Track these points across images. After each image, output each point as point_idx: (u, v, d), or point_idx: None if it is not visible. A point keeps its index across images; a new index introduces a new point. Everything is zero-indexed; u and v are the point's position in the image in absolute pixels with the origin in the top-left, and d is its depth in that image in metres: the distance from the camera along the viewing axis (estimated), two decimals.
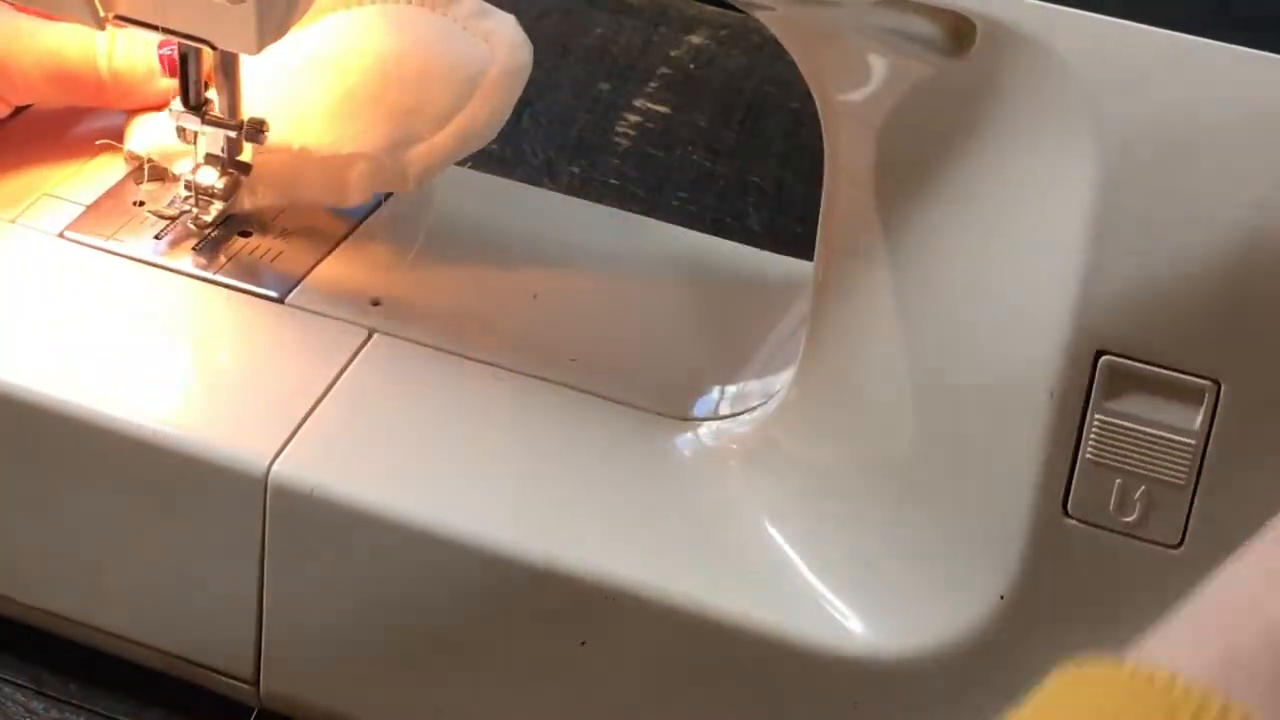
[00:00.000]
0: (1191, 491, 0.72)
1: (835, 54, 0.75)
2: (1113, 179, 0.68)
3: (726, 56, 1.29)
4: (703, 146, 1.22)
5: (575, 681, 0.82)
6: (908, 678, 0.78)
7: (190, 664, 0.87)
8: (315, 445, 0.83)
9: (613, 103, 1.25)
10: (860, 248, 0.77)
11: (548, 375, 0.87)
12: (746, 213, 1.17)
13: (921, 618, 0.78)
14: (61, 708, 0.89)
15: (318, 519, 0.82)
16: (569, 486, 0.83)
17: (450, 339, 0.88)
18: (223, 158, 0.92)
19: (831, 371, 0.81)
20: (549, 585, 0.80)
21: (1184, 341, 0.70)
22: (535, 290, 0.91)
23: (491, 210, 0.97)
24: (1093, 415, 0.72)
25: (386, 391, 0.86)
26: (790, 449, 0.82)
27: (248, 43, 0.84)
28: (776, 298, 0.92)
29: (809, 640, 0.78)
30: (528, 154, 1.20)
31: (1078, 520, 0.74)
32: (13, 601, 0.89)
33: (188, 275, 0.91)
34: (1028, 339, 0.72)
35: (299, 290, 0.90)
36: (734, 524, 0.82)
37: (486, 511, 0.81)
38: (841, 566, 0.80)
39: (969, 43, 0.71)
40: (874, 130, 0.75)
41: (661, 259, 0.94)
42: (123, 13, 0.85)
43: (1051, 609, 0.75)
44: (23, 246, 0.92)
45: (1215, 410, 0.70)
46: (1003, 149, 0.71)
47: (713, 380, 0.88)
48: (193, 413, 0.84)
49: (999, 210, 0.72)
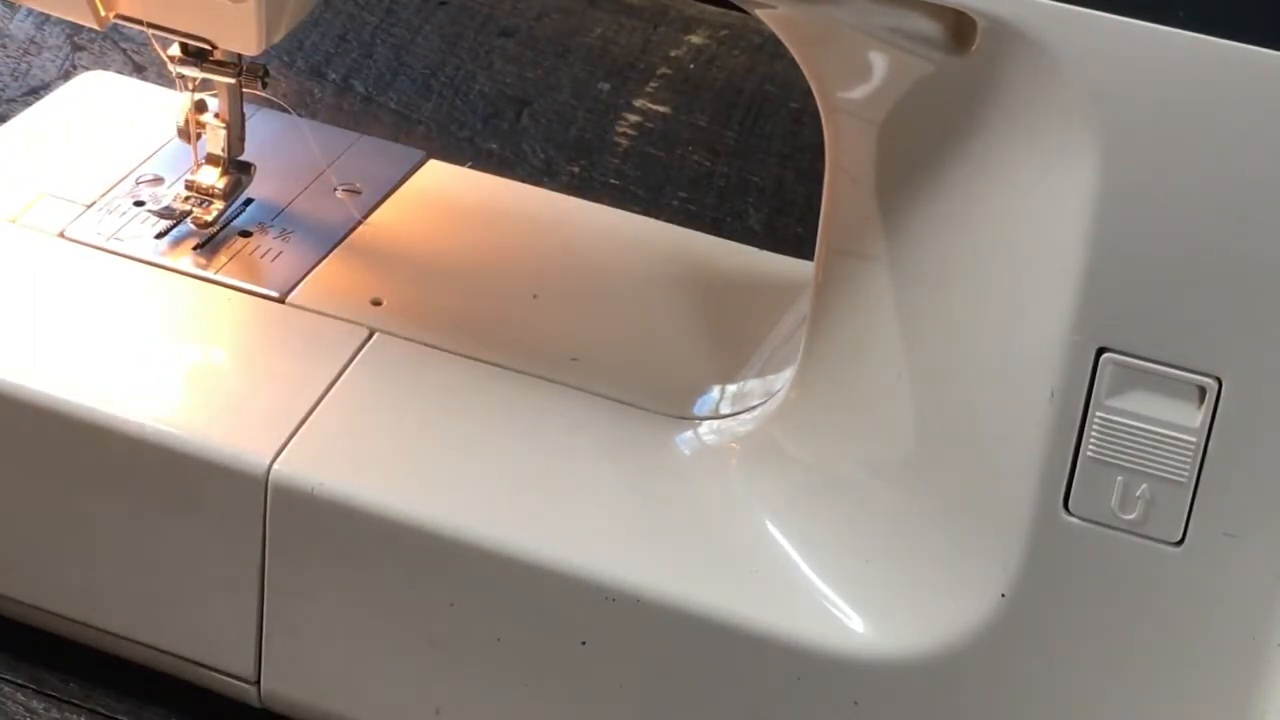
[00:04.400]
0: (1192, 489, 0.72)
1: (836, 52, 0.75)
2: (1113, 177, 0.68)
3: (726, 56, 1.29)
4: (703, 146, 1.22)
5: (575, 681, 0.82)
6: (908, 677, 0.78)
7: (190, 664, 0.87)
8: (315, 445, 0.83)
9: (613, 103, 1.25)
10: (860, 248, 0.77)
11: (548, 375, 0.87)
12: (746, 213, 1.17)
13: (921, 617, 0.78)
14: (61, 708, 0.89)
15: (318, 519, 0.82)
16: (569, 486, 0.83)
17: (450, 339, 0.88)
18: (223, 158, 0.92)
19: (831, 371, 0.80)
20: (549, 585, 0.80)
21: (1185, 339, 0.70)
22: (535, 290, 0.91)
23: (491, 210, 0.97)
24: (1094, 413, 0.72)
25: (386, 391, 0.86)
26: (790, 448, 0.82)
27: (248, 42, 0.84)
28: (776, 298, 0.92)
29: (809, 640, 0.78)
30: (528, 154, 1.20)
31: (1079, 518, 0.74)
32: (13, 601, 0.89)
33: (188, 275, 0.91)
34: (1028, 337, 0.72)
35: (299, 290, 0.90)
36: (734, 524, 0.82)
37: (486, 511, 0.81)
38: (842, 566, 0.80)
39: (970, 41, 0.71)
40: (875, 129, 0.75)
41: (661, 259, 0.94)
42: (124, 12, 0.85)
43: (1052, 607, 0.75)
44: (23, 246, 0.92)
45: (1216, 408, 0.70)
46: (1003, 147, 0.71)
47: (713, 380, 0.88)
48: (193, 413, 0.84)
49: (999, 209, 0.72)
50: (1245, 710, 0.74)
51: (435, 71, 1.28)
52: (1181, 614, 0.74)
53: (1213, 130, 0.67)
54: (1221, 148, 0.67)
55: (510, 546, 0.80)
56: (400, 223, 0.95)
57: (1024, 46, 0.69)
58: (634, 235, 0.97)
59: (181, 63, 0.90)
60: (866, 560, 0.79)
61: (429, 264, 0.93)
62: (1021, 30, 0.69)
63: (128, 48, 1.27)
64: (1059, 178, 0.70)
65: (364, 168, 0.98)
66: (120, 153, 0.98)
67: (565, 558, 0.80)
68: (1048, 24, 0.68)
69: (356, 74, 1.28)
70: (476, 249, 0.94)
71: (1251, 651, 0.73)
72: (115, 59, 1.27)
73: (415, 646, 0.83)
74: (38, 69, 1.26)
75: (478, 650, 0.82)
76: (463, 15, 1.34)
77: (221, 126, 0.92)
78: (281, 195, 0.95)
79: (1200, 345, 0.70)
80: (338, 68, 1.28)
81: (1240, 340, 0.69)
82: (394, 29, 1.32)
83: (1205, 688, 0.75)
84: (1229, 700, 0.74)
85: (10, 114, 1.09)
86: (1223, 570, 0.72)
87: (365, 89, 1.27)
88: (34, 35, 1.29)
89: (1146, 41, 0.67)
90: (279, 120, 0.99)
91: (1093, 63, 0.68)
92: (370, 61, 1.29)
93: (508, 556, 0.80)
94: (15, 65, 1.27)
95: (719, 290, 0.93)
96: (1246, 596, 0.72)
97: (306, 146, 0.97)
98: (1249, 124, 0.67)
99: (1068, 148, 0.69)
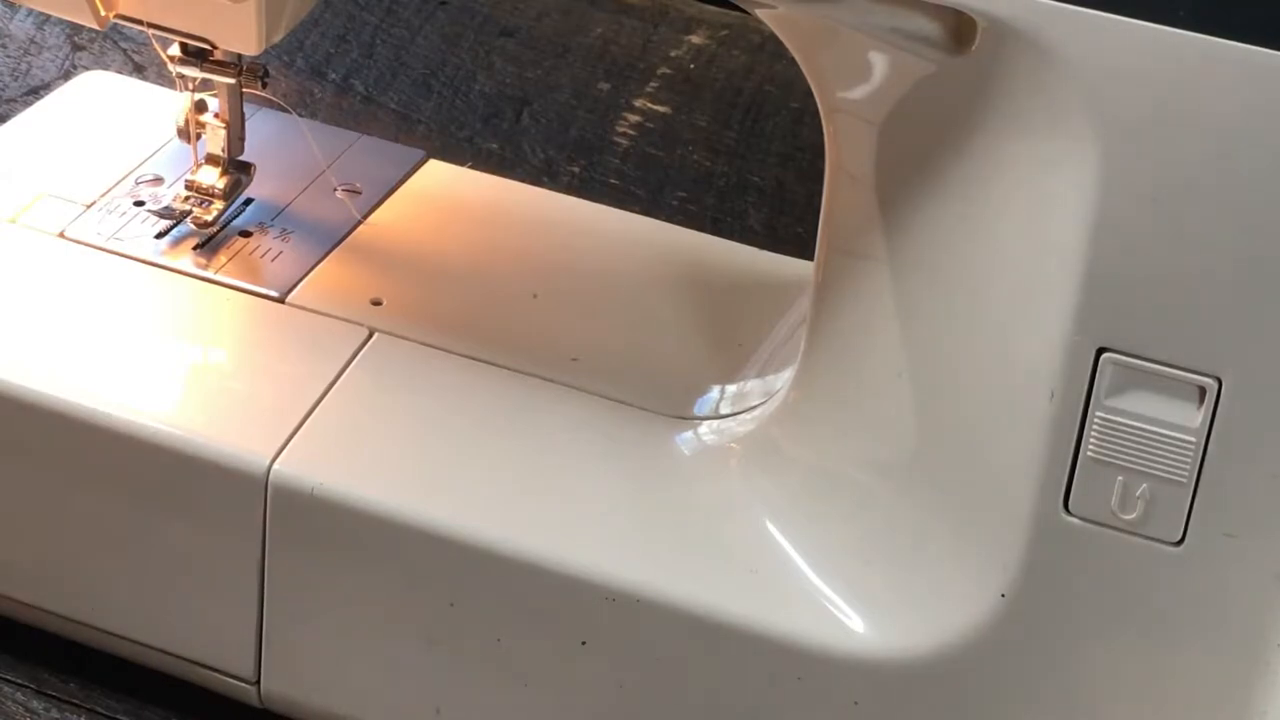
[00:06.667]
0: (1192, 489, 0.72)
1: (836, 52, 0.75)
2: (1113, 177, 0.68)
3: (726, 56, 1.29)
4: (703, 146, 1.22)
5: (575, 681, 0.82)
6: (908, 677, 0.78)
7: (190, 664, 0.87)
8: (315, 445, 0.83)
9: (613, 103, 1.25)
10: (860, 247, 0.77)
11: (548, 375, 0.87)
12: (746, 213, 1.17)
13: (921, 617, 0.78)
14: (61, 708, 0.89)
15: (318, 519, 0.82)
16: (569, 486, 0.83)
17: (450, 339, 0.88)
18: (223, 158, 0.92)
19: (831, 371, 0.80)
20: (549, 585, 0.80)
21: (1185, 339, 0.70)
22: (535, 290, 0.91)
23: (491, 210, 0.97)
24: (1094, 413, 0.72)
25: (386, 391, 0.86)
26: (790, 448, 0.82)
27: (248, 42, 0.84)
28: (776, 298, 0.92)
29: (809, 640, 0.78)
30: (528, 154, 1.20)
31: (1079, 518, 0.73)
32: (13, 601, 0.89)
33: (188, 275, 0.91)
34: (1028, 337, 0.72)
35: (299, 290, 0.90)
36: (734, 524, 0.82)
37: (486, 511, 0.81)
38: (842, 566, 0.80)
39: (970, 41, 0.71)
40: (875, 128, 0.75)
41: (661, 259, 0.94)
42: (124, 11, 0.85)
43: (1052, 607, 0.75)
44: (23, 246, 0.92)
45: (1216, 408, 0.70)
46: (1003, 147, 0.71)
47: (713, 380, 0.88)
48: (193, 413, 0.84)
49: (999, 208, 0.72)
50: (1245, 710, 0.74)
51: (435, 71, 1.28)
52: (1181, 614, 0.74)
53: (1213, 130, 0.67)
54: (1221, 148, 0.67)
55: (510, 546, 0.80)
56: (400, 223, 0.95)
57: (1024, 46, 0.69)
58: (634, 235, 0.97)
59: (181, 63, 0.90)
60: (866, 560, 0.79)
61: (429, 264, 0.93)
62: (1021, 30, 0.69)
63: (128, 48, 1.27)
64: (1059, 177, 0.70)
65: (364, 168, 0.98)
66: (120, 153, 0.98)
67: (565, 558, 0.80)
68: (1048, 24, 0.68)
69: (356, 74, 1.28)
70: (476, 249, 0.94)
71: (1251, 651, 0.73)
72: (115, 59, 1.27)
73: (415, 646, 0.83)
74: (38, 69, 1.26)
75: (478, 650, 0.82)
76: (463, 15, 1.34)
77: (221, 126, 0.92)
78: (281, 195, 0.95)
79: (1200, 345, 0.70)
80: (338, 68, 1.28)
81: (1240, 340, 0.69)
82: (394, 29, 1.32)
83: (1205, 688, 0.75)
84: (1229, 700, 0.74)
85: (10, 114, 1.09)
86: (1223, 570, 0.72)
87: (365, 89, 1.27)
88: (34, 35, 1.29)
89: (1146, 41, 0.67)
90: (279, 120, 0.99)
91: (1093, 63, 0.68)
92: (370, 61, 1.29)
93: (508, 556, 0.80)
94: (15, 65, 1.27)
95: (719, 290, 0.93)
96: (1246, 596, 0.72)
97: (306, 146, 0.97)
98: (1249, 124, 0.67)
99: (1068, 147, 0.69)
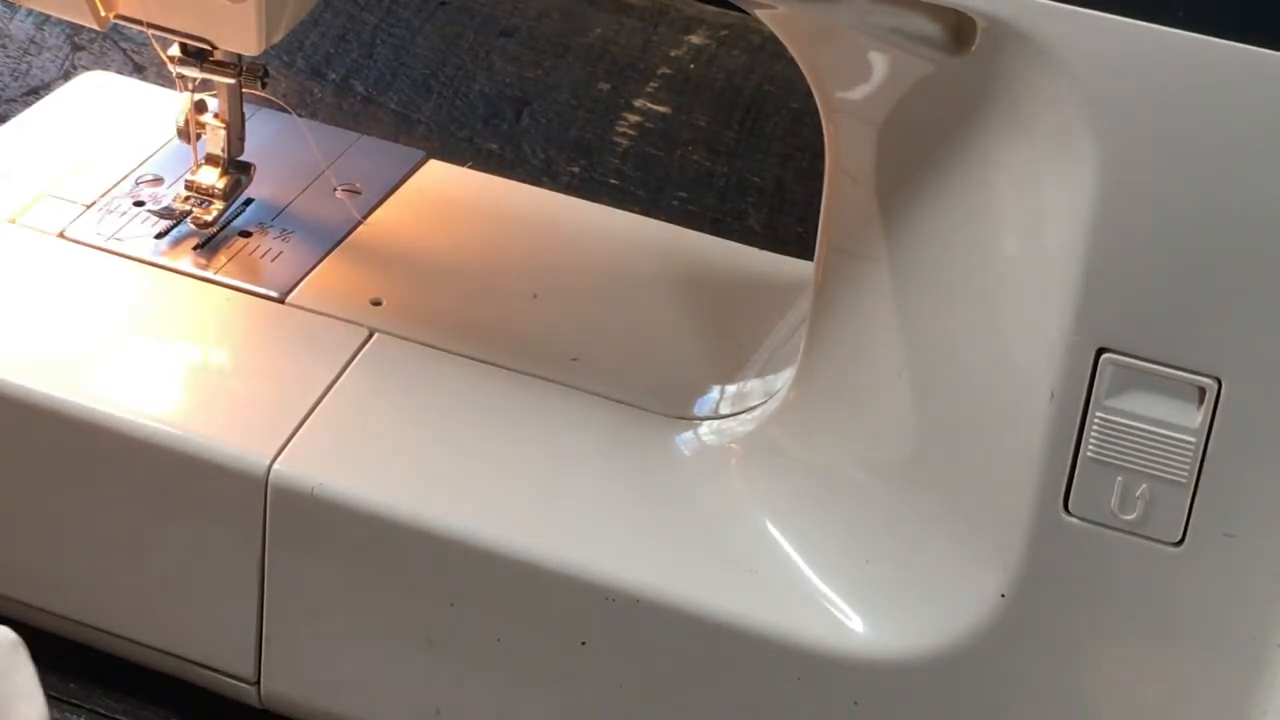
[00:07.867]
0: (1192, 489, 0.72)
1: (836, 52, 0.75)
2: (1113, 177, 0.68)
3: (726, 56, 1.29)
4: (703, 146, 1.22)
5: (575, 681, 0.82)
6: (908, 677, 0.78)
7: (190, 664, 0.87)
8: (315, 445, 0.83)
9: (613, 103, 1.25)
10: (860, 248, 0.77)
11: (548, 375, 0.86)
12: (746, 213, 1.17)
13: (921, 617, 0.78)
14: (61, 708, 0.89)
15: (318, 519, 0.82)
16: (569, 486, 0.83)
17: (450, 339, 0.88)
18: (223, 158, 0.92)
19: (831, 371, 0.80)
20: (549, 585, 0.80)
21: (1185, 339, 0.70)
22: (535, 290, 0.91)
23: (491, 210, 0.97)
24: (1094, 413, 0.72)
25: (386, 391, 0.86)
26: (790, 448, 0.82)
27: (248, 42, 0.84)
28: (776, 298, 0.92)
29: (809, 640, 0.78)
30: (528, 154, 1.20)
31: (1078, 518, 0.73)
32: (13, 601, 0.89)
33: (188, 275, 0.91)
34: (1028, 337, 0.72)
35: (299, 290, 0.90)
36: (734, 524, 0.82)
37: (486, 511, 0.81)
38: (841, 566, 0.80)
39: (970, 41, 0.71)
40: (874, 129, 0.75)
41: (661, 259, 0.94)
42: (124, 12, 0.85)
43: (1052, 608, 0.75)
44: (23, 246, 0.92)
45: (1216, 408, 0.70)
46: (1003, 147, 0.71)
47: (713, 380, 0.88)
48: (193, 413, 0.84)
49: (999, 208, 0.72)
50: (1245, 710, 0.74)
51: (435, 71, 1.28)
52: (1181, 614, 0.74)
53: (1212, 130, 0.67)
54: (1221, 148, 0.67)
55: (510, 546, 0.80)
56: (400, 223, 0.95)
57: (1024, 46, 0.69)
58: (634, 235, 0.97)
59: (181, 63, 0.90)
60: (866, 560, 0.79)
61: (429, 264, 0.93)
62: (1021, 30, 0.69)
63: (128, 48, 1.27)
64: (1059, 177, 0.70)
65: (364, 168, 0.98)
66: (120, 153, 0.98)
67: (565, 558, 0.80)
68: (1048, 24, 0.68)
69: (356, 74, 1.28)
70: (476, 249, 0.94)
71: (1251, 651, 0.73)
72: (115, 59, 1.27)
73: (415, 646, 0.83)
74: (38, 69, 1.26)
75: (478, 650, 0.82)
76: (463, 15, 1.34)
77: (221, 126, 0.92)
78: (281, 195, 0.95)
79: (1200, 345, 0.70)
80: (338, 68, 1.28)
81: (1240, 340, 0.69)
82: (394, 29, 1.32)
83: (1205, 688, 0.75)
84: (1229, 700, 0.74)
85: (10, 114, 1.09)
86: (1223, 570, 0.72)
87: (365, 89, 1.27)
88: (34, 35, 1.29)
89: (1146, 41, 0.67)
90: (279, 120, 0.99)
91: (1093, 63, 0.68)
92: (370, 61, 1.29)
93: (508, 556, 0.80)
94: (15, 65, 1.27)
95: (719, 290, 0.93)
96: (1246, 596, 0.72)
97: (306, 146, 0.97)
98: (1248, 124, 0.67)
99: (1067, 148, 0.69)
